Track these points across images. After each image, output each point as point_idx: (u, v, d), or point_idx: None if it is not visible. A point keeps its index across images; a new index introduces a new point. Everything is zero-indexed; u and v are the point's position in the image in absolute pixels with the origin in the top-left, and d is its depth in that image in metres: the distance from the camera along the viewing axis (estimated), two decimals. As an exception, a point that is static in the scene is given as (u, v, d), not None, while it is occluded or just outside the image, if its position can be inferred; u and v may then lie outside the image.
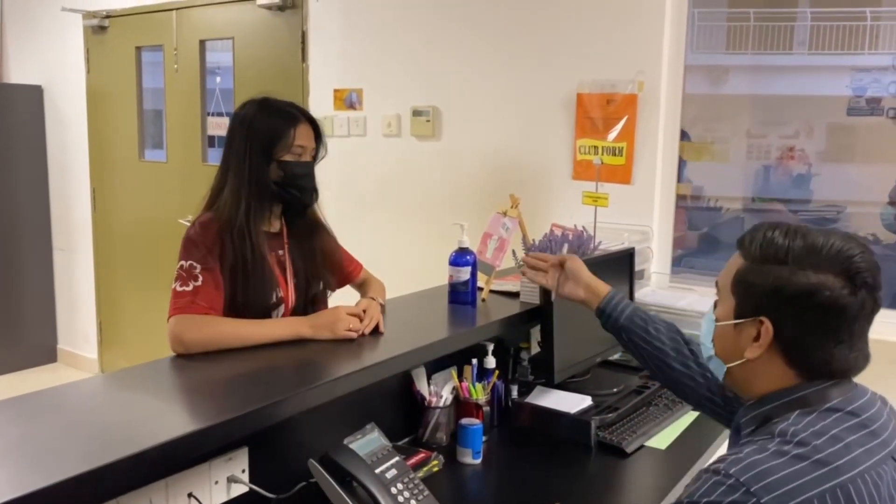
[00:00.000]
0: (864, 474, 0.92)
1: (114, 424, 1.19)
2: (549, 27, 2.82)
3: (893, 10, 2.62)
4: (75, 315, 4.87)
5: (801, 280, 0.98)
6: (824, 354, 0.99)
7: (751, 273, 1.04)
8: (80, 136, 4.59)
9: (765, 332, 1.02)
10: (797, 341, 1.01)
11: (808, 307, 0.98)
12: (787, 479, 0.88)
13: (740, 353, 1.06)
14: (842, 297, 0.97)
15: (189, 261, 1.65)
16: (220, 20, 3.87)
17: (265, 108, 1.75)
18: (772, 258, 1.01)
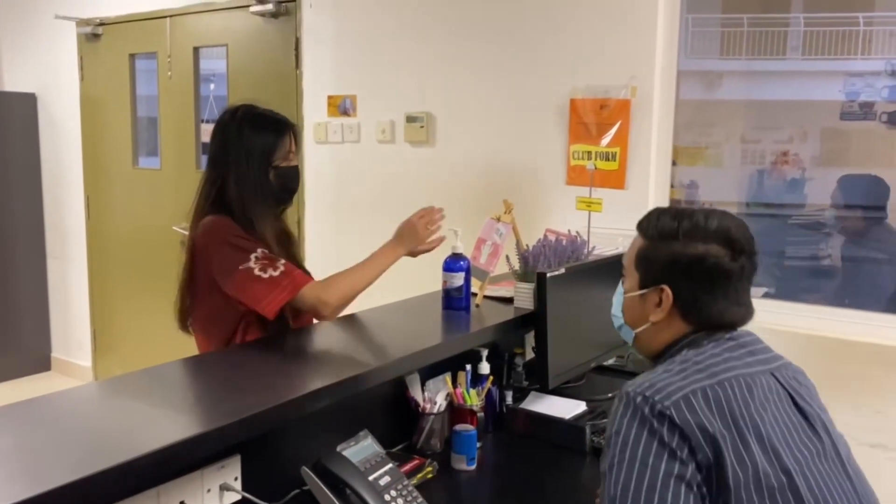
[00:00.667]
0: (739, 377, 1.10)
1: (105, 432, 1.19)
2: (542, 33, 2.83)
3: (886, 16, 2.63)
4: (69, 323, 4.85)
5: (691, 251, 1.18)
6: (716, 310, 1.18)
7: (650, 250, 1.23)
8: (73, 143, 4.58)
9: (665, 298, 1.21)
10: (693, 303, 1.19)
11: (699, 273, 1.18)
12: (672, 383, 1.08)
13: (646, 319, 1.24)
14: (725, 262, 1.17)
15: (258, 249, 1.71)
16: (213, 27, 3.87)
17: (259, 119, 1.83)
18: (666, 235, 1.21)
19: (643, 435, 1.04)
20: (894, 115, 2.61)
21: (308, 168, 3.54)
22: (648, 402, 1.06)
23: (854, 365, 2.28)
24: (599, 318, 2.10)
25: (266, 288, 1.67)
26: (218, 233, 1.73)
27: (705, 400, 1.06)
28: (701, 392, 1.07)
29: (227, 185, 1.77)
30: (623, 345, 2.18)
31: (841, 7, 2.69)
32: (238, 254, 1.70)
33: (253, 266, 1.68)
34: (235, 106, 1.86)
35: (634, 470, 1.03)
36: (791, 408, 1.13)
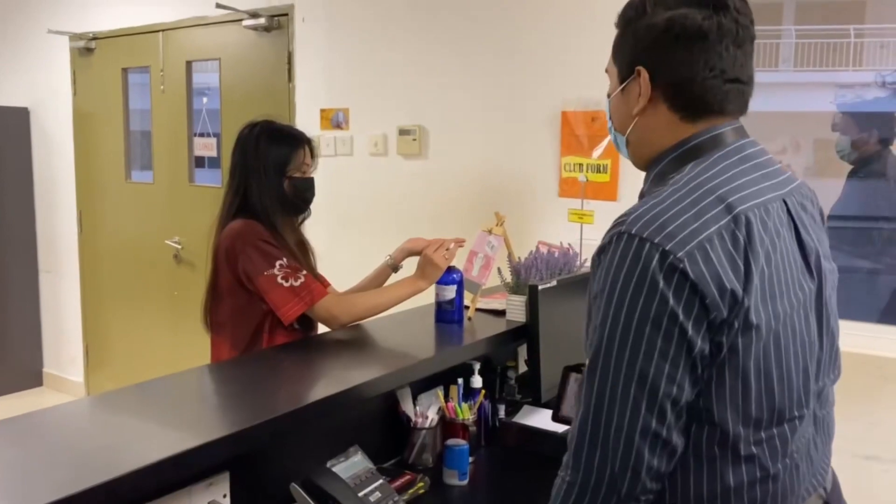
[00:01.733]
0: (754, 208, 0.96)
1: (92, 450, 1.17)
2: (533, 46, 2.84)
3: (877, 28, 2.65)
4: (61, 338, 4.82)
5: (659, 19, 1.02)
6: (699, 88, 1.01)
7: (621, 38, 1.09)
8: (66, 157, 4.57)
9: (643, 81, 1.04)
10: (673, 80, 1.02)
11: (671, 41, 1.01)
12: (687, 224, 0.91)
13: (630, 115, 1.08)
14: (697, 21, 0.99)
15: (283, 258, 1.81)
16: (206, 41, 3.88)
17: (276, 132, 1.95)
18: (633, 16, 1.06)
19: (644, 287, 0.90)
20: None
21: (301, 181, 3.53)
22: (658, 250, 0.90)
23: (847, 376, 2.27)
24: (592, 331, 2.10)
25: (286, 296, 1.79)
26: (247, 235, 1.83)
27: (721, 247, 0.91)
28: (718, 237, 0.91)
29: (250, 194, 1.89)
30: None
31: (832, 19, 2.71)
32: (264, 259, 1.81)
33: (277, 273, 1.79)
34: (255, 121, 1.98)
35: (631, 322, 0.91)
36: (794, 243, 1.02)
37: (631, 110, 1.07)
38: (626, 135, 1.11)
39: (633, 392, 0.92)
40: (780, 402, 0.97)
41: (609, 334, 0.93)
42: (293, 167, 1.92)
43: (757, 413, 0.96)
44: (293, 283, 1.79)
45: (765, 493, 0.98)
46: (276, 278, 1.78)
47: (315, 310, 1.82)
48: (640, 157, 1.11)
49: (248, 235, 1.82)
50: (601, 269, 0.96)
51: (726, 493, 0.97)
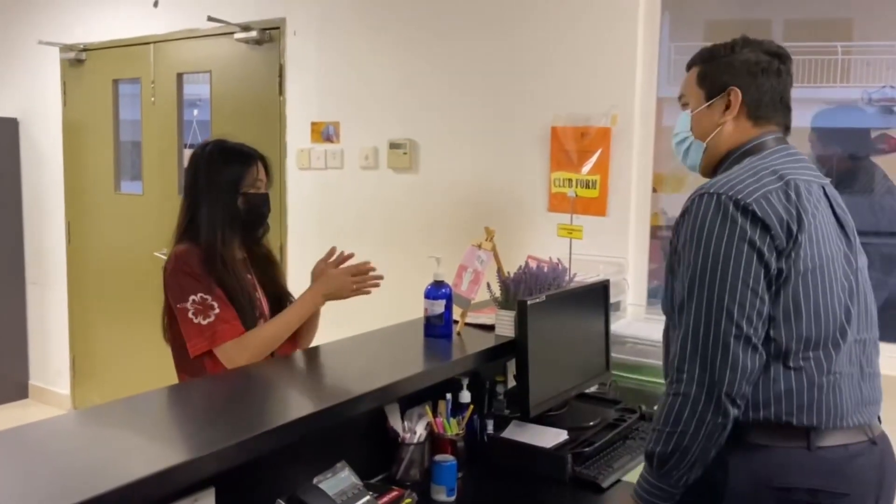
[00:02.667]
0: (800, 180, 1.30)
1: (76, 466, 1.16)
2: (524, 61, 2.86)
3: (863, 45, 2.68)
4: (48, 350, 4.78)
5: (747, 56, 1.41)
6: (773, 109, 1.41)
7: (708, 67, 1.45)
8: (55, 168, 4.55)
9: (735, 97, 1.41)
10: (757, 100, 1.40)
11: (759, 73, 1.40)
12: (749, 185, 1.27)
13: (716, 125, 1.43)
14: (774, 65, 1.41)
15: (198, 293, 1.81)
16: (197, 54, 3.88)
17: (228, 150, 1.96)
18: (720, 53, 1.44)
19: (726, 226, 1.23)
20: (872, 142, 2.65)
21: (291, 194, 3.53)
22: (732, 199, 1.24)
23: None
24: (581, 346, 2.10)
25: (192, 331, 1.81)
26: (176, 263, 1.86)
27: (777, 198, 1.25)
28: (774, 192, 1.26)
29: (198, 214, 1.89)
30: (604, 372, 2.18)
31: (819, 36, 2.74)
32: (181, 291, 1.82)
33: (189, 307, 1.80)
34: (207, 141, 2.02)
35: (711, 244, 1.23)
36: (831, 215, 1.34)
37: (716, 120, 1.43)
38: (706, 141, 1.45)
39: (727, 305, 1.21)
40: (825, 326, 1.25)
41: (702, 265, 1.24)
42: (247, 183, 1.92)
43: (806, 332, 1.24)
44: (201, 320, 1.79)
45: (811, 399, 1.24)
46: (188, 312, 1.80)
47: (216, 352, 1.81)
48: (711, 160, 1.46)
49: (177, 263, 1.84)
50: (686, 224, 1.29)
51: (778, 398, 1.24)
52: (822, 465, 1.24)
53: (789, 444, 1.25)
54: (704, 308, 1.23)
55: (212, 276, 1.83)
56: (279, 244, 3.55)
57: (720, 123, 1.42)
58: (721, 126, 1.42)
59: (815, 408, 1.24)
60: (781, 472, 1.24)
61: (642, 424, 2.03)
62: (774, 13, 2.83)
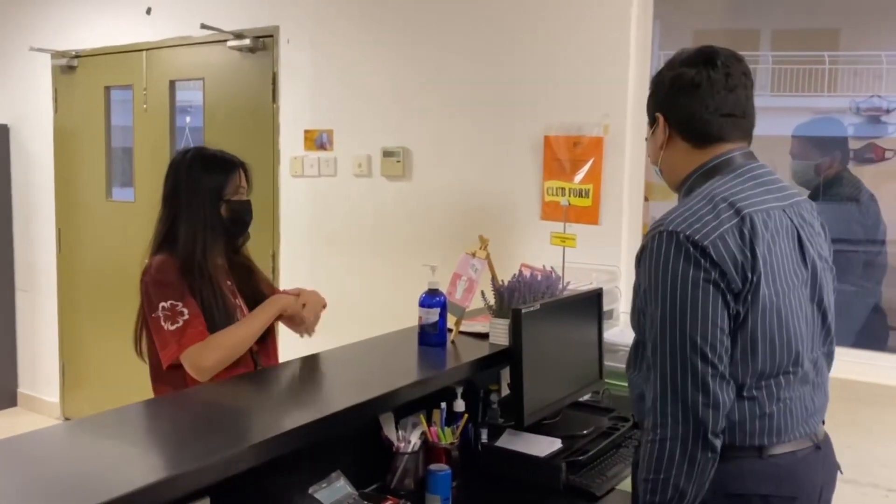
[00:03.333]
0: (758, 213, 1.28)
1: (70, 477, 1.16)
2: (517, 70, 2.88)
3: (850, 55, 2.71)
4: (37, 358, 4.74)
5: (665, 76, 1.39)
6: (700, 122, 1.36)
7: (650, 93, 1.44)
8: (46, 175, 4.53)
9: (662, 123, 1.41)
10: (682, 119, 1.37)
11: (674, 92, 1.37)
12: (708, 223, 1.25)
13: (658, 150, 1.43)
14: (690, 76, 1.34)
15: (168, 300, 1.78)
16: (190, 61, 3.88)
17: (209, 158, 1.94)
18: (655, 80, 1.43)
19: (685, 262, 1.23)
20: (860, 151, 2.68)
21: (284, 201, 3.53)
22: (690, 240, 1.23)
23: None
24: (574, 354, 2.11)
25: (164, 339, 1.78)
26: (149, 275, 1.84)
27: (733, 238, 1.24)
28: (729, 231, 1.25)
29: (178, 223, 1.88)
30: (597, 381, 2.19)
31: (807, 46, 2.77)
32: (152, 300, 1.81)
33: (160, 315, 1.78)
34: (186, 148, 2.00)
35: (677, 286, 1.23)
36: (794, 241, 1.33)
37: (658, 145, 1.43)
38: (658, 165, 1.46)
39: (700, 346, 1.22)
40: (779, 360, 1.28)
41: (671, 308, 1.23)
42: (229, 191, 1.91)
43: (761, 367, 1.27)
44: (169, 326, 1.76)
45: (762, 427, 1.28)
46: (160, 320, 1.77)
47: (182, 358, 1.76)
48: (671, 181, 1.46)
49: (153, 273, 1.82)
50: (648, 264, 1.28)
51: (732, 426, 1.27)
52: (774, 471, 1.29)
53: (742, 455, 1.29)
54: (679, 351, 1.23)
55: (186, 284, 1.81)
56: (271, 251, 3.55)
57: (659, 148, 1.43)
58: (661, 151, 1.43)
59: (765, 432, 1.29)
60: (736, 480, 1.28)
61: (635, 433, 2.03)
62: (762, 23, 2.85)
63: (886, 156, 2.67)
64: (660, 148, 1.42)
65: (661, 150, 1.42)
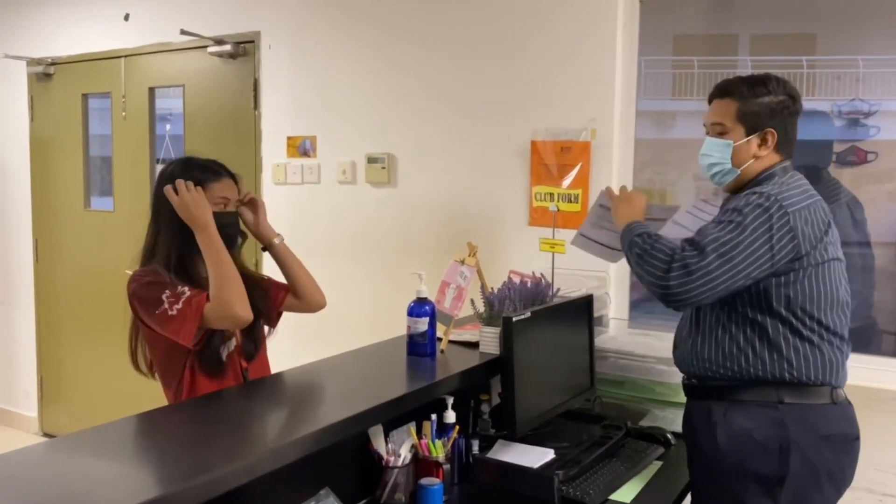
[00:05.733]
0: (818, 200, 1.67)
1: (55, 499, 1.11)
2: (502, 76, 2.85)
3: (827, 59, 2.72)
4: (14, 371, 4.63)
5: (779, 100, 1.68)
6: (790, 142, 1.72)
7: (749, 105, 1.69)
8: (22, 184, 4.44)
9: (772, 137, 1.68)
10: (785, 139, 1.70)
11: (784, 115, 1.70)
12: (797, 199, 1.61)
13: (751, 157, 1.70)
14: (795, 107, 1.71)
15: (164, 291, 1.71)
16: (170, 67, 3.82)
17: (189, 166, 1.86)
18: (758, 91, 1.69)
19: (759, 219, 1.56)
20: (842, 154, 2.68)
21: (267, 209, 3.47)
22: (779, 204, 1.57)
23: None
24: (566, 362, 2.08)
25: (178, 322, 1.70)
26: (131, 286, 1.77)
27: (808, 213, 1.60)
28: (807, 208, 1.61)
29: (160, 235, 1.82)
30: (588, 389, 2.16)
31: (784, 50, 2.78)
32: (149, 301, 1.72)
33: (167, 307, 1.70)
34: (174, 158, 1.93)
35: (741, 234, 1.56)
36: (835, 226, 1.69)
37: (752, 152, 1.70)
38: (740, 168, 1.71)
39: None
40: (843, 317, 1.67)
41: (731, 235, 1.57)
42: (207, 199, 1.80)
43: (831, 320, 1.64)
44: (178, 306, 1.69)
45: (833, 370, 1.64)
46: (168, 312, 1.69)
47: (206, 317, 1.70)
48: (740, 182, 1.73)
49: (132, 285, 1.76)
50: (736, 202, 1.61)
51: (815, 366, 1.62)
52: (845, 413, 1.66)
53: (821, 397, 1.62)
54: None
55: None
56: (254, 261, 3.49)
57: (756, 156, 1.69)
58: (756, 158, 1.69)
59: (835, 374, 1.64)
60: (823, 423, 1.61)
61: (628, 441, 2.00)
62: (741, 28, 2.86)
63: (868, 158, 2.68)
64: (754, 155, 1.70)
65: (753, 157, 1.70)
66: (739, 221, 1.56)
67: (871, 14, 2.68)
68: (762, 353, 1.62)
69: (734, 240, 1.55)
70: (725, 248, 1.55)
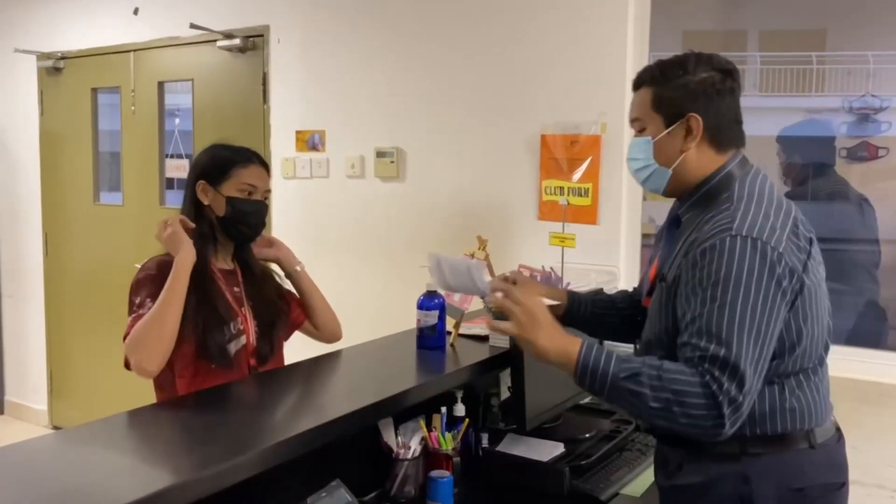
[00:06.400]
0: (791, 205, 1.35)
1: (63, 489, 1.11)
2: (512, 69, 2.84)
3: (837, 55, 2.71)
4: (24, 365, 4.66)
5: (700, 77, 1.35)
6: (728, 129, 1.38)
7: (663, 90, 1.37)
8: (32, 178, 4.46)
9: (696, 124, 1.35)
10: (716, 124, 1.36)
11: (711, 95, 1.35)
12: (773, 226, 1.26)
13: (678, 152, 1.37)
14: (726, 83, 1.36)
15: (139, 296, 1.71)
16: (179, 62, 3.82)
17: (218, 149, 1.85)
18: (674, 74, 1.36)
19: (765, 271, 1.22)
20: (853, 150, 2.67)
21: (275, 204, 3.48)
22: (769, 245, 1.23)
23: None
24: (575, 356, 2.07)
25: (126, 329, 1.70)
26: (137, 273, 1.77)
27: (791, 238, 1.27)
28: (789, 232, 1.28)
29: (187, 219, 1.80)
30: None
31: (794, 46, 2.77)
32: (130, 302, 1.73)
33: (133, 309, 1.71)
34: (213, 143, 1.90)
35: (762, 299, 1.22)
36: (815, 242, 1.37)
37: (678, 147, 1.37)
38: (671, 168, 1.38)
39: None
40: (818, 347, 1.33)
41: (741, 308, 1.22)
42: (229, 184, 1.77)
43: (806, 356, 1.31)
44: (132, 320, 1.68)
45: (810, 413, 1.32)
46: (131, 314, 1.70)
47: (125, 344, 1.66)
48: (679, 185, 1.40)
49: (136, 275, 1.75)
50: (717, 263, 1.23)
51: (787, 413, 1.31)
52: (826, 458, 1.34)
53: (797, 445, 1.32)
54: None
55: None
56: (263, 255, 3.49)
57: (683, 150, 1.36)
58: (684, 153, 1.36)
59: (812, 417, 1.33)
60: (798, 474, 1.31)
61: (638, 436, 2.00)
62: (750, 24, 2.85)
63: (879, 154, 2.67)
64: (683, 149, 1.36)
65: (682, 152, 1.36)
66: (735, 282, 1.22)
67: (882, 10, 2.67)
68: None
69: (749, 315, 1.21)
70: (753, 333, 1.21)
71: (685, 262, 1.29)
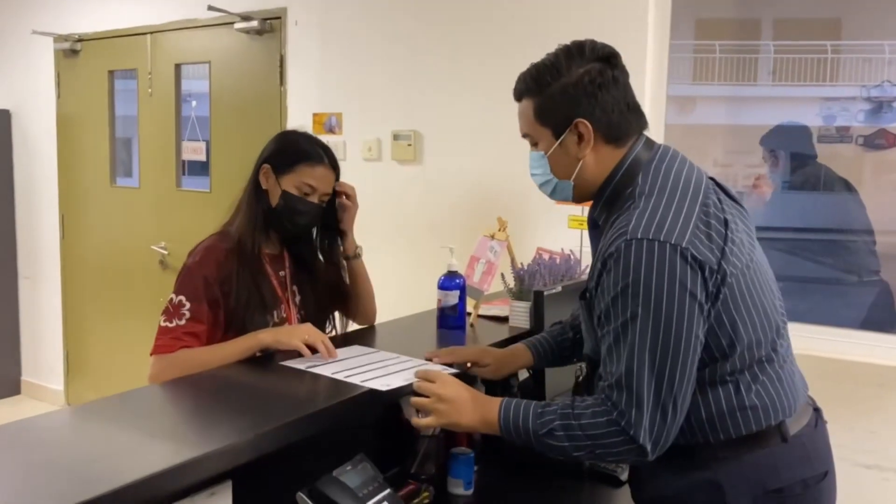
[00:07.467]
0: (700, 184, 1.24)
1: (85, 461, 1.12)
2: (531, 52, 2.80)
3: (852, 44, 2.69)
4: (41, 345, 4.70)
5: (577, 76, 1.26)
6: (622, 120, 1.27)
7: (543, 101, 1.29)
8: (49, 161, 4.48)
9: (585, 129, 1.26)
10: (607, 121, 1.26)
11: (596, 90, 1.25)
12: (675, 221, 1.16)
13: (576, 160, 1.28)
14: (608, 72, 1.26)
15: (180, 296, 1.68)
16: (196, 44, 3.82)
17: (291, 136, 1.85)
18: (548, 79, 1.28)
19: (666, 275, 1.12)
20: (870, 138, 2.65)
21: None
22: (668, 243, 1.13)
23: (845, 384, 2.27)
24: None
25: (156, 334, 1.68)
26: (191, 258, 1.74)
27: (699, 227, 1.17)
28: (696, 220, 1.17)
29: (242, 204, 1.80)
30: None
31: (809, 35, 2.75)
32: (176, 287, 1.70)
33: (169, 307, 1.68)
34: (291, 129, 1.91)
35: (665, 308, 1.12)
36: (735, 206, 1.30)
37: (574, 156, 1.28)
38: (572, 179, 1.30)
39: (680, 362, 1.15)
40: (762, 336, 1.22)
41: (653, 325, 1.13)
42: (287, 180, 1.75)
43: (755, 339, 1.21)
44: (163, 322, 1.66)
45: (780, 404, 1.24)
46: (163, 310, 1.68)
47: (150, 362, 1.66)
48: (586, 191, 1.32)
49: (188, 263, 1.72)
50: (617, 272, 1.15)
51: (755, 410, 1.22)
52: (802, 451, 1.25)
53: (769, 441, 1.23)
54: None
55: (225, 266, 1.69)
56: (279, 237, 3.51)
57: (580, 157, 1.28)
58: (581, 160, 1.28)
59: (782, 408, 1.24)
60: (772, 474, 1.22)
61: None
62: (764, 12, 2.83)
63: (897, 142, 2.65)
64: (580, 157, 1.27)
65: (580, 160, 1.28)
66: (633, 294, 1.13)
67: (897, 0, 2.64)
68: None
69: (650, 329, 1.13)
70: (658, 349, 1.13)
71: (598, 274, 1.22)
